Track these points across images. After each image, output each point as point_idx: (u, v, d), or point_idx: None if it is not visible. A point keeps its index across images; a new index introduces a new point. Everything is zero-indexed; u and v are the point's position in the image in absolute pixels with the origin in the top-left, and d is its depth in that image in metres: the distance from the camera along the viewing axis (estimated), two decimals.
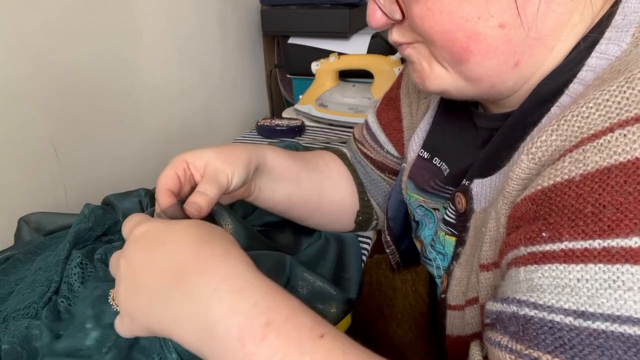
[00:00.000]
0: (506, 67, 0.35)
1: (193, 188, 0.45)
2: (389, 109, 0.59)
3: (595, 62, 0.32)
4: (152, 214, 0.46)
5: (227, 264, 0.31)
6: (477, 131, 0.44)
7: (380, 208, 0.63)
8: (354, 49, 1.11)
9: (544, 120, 0.34)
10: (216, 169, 0.45)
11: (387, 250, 0.61)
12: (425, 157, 0.50)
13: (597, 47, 0.32)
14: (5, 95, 0.55)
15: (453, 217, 0.44)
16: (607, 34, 0.32)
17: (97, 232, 0.50)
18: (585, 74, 0.32)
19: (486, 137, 0.42)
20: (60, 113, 0.63)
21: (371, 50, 1.10)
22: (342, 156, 0.64)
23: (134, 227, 0.35)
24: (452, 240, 0.44)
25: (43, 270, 0.45)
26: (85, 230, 0.48)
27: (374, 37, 1.11)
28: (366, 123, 0.62)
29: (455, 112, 0.47)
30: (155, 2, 0.78)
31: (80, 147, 0.67)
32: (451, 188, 0.46)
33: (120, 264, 0.34)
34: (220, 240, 0.34)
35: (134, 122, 0.77)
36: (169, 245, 0.33)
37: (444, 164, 0.47)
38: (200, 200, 0.42)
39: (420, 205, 0.51)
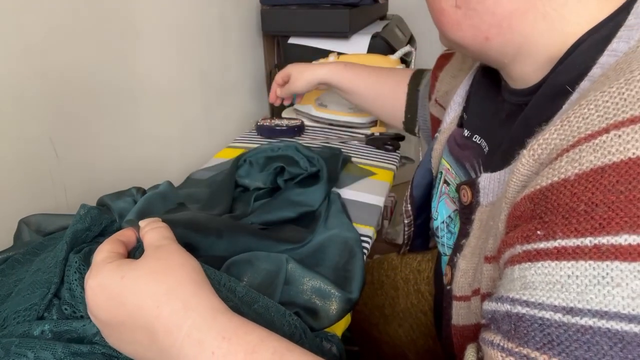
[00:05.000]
0: (477, 40, 0.40)
1: None
2: (444, 58, 0.66)
3: (605, 59, 0.33)
4: None
5: (187, 320, 0.33)
6: (504, 104, 0.45)
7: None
8: (354, 49, 1.11)
9: (555, 117, 0.34)
10: None
11: (405, 222, 0.63)
12: (466, 134, 0.50)
13: (610, 45, 0.33)
14: (5, 95, 0.55)
15: (457, 208, 0.45)
16: (619, 33, 0.33)
17: (94, 232, 0.50)
18: (595, 71, 0.33)
19: (509, 110, 0.44)
20: (60, 113, 0.63)
21: (371, 50, 1.10)
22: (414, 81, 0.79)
23: (91, 270, 0.36)
24: None
25: (42, 271, 0.44)
26: (82, 231, 0.48)
27: (374, 37, 1.11)
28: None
29: (488, 83, 0.50)
30: (155, 2, 0.78)
31: (80, 148, 0.67)
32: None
33: (89, 314, 0.37)
34: (177, 289, 0.34)
35: (133, 122, 0.77)
36: (129, 306, 0.34)
37: (483, 140, 0.48)
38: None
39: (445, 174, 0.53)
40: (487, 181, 0.40)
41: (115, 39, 0.70)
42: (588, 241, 0.26)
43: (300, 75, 0.89)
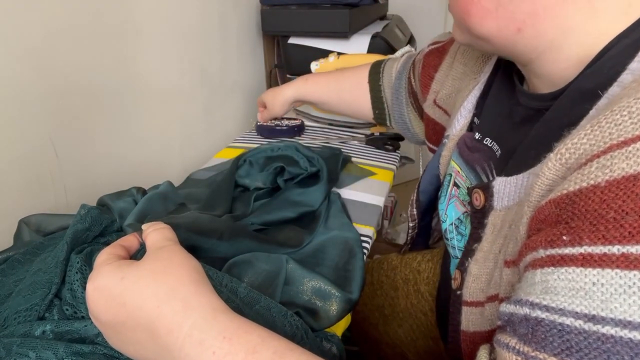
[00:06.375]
0: (508, 31, 0.38)
1: None
2: (435, 56, 0.65)
3: (636, 66, 0.32)
4: None
5: (188, 319, 0.33)
6: (518, 107, 0.44)
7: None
8: (354, 49, 1.11)
9: (583, 122, 0.34)
10: None
11: (410, 224, 0.63)
12: (477, 137, 0.50)
13: None
14: (5, 95, 0.55)
15: (468, 211, 0.44)
16: None
17: (94, 232, 0.50)
18: (625, 76, 0.33)
19: (524, 114, 0.43)
20: (60, 113, 0.63)
21: (371, 50, 1.10)
22: (373, 76, 0.81)
23: (92, 273, 0.36)
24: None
25: (43, 271, 0.44)
26: (83, 231, 0.48)
27: (374, 37, 1.11)
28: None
29: (500, 86, 0.49)
30: (155, 2, 0.78)
31: (80, 147, 0.67)
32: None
33: (91, 316, 0.37)
34: (178, 289, 0.34)
35: (134, 122, 0.77)
36: (129, 307, 0.34)
37: (495, 144, 0.47)
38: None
39: (454, 176, 0.52)
40: (502, 185, 0.40)
41: (115, 40, 0.70)
42: (616, 249, 0.26)
43: (274, 99, 0.93)
